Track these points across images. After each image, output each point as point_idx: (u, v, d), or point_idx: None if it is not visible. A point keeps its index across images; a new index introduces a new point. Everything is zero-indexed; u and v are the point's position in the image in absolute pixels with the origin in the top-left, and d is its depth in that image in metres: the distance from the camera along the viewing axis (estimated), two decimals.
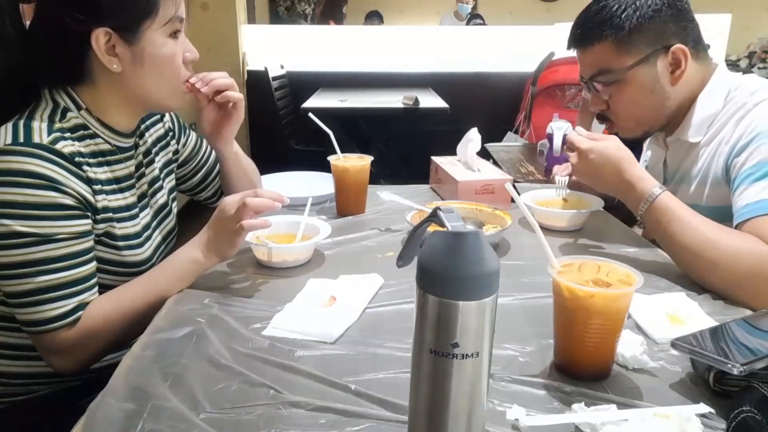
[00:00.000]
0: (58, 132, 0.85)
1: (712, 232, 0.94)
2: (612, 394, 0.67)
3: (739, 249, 0.91)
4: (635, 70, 1.09)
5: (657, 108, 1.13)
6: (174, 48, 0.93)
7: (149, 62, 0.90)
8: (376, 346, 0.78)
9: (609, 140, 1.04)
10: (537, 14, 7.07)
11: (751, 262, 0.90)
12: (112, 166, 0.95)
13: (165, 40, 0.91)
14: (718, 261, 0.91)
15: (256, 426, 0.62)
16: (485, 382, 0.52)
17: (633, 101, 1.12)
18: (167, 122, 1.15)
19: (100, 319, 0.86)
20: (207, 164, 1.26)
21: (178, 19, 0.91)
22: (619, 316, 0.69)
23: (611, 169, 1.02)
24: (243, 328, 0.82)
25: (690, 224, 0.95)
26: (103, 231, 0.91)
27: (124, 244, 0.95)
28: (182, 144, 1.19)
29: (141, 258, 0.98)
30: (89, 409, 0.65)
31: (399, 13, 7.23)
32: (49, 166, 0.82)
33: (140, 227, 0.99)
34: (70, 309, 0.84)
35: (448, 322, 0.49)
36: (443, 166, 1.44)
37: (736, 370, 0.61)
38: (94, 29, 0.85)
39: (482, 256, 0.48)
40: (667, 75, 1.09)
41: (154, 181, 1.07)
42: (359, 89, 4.02)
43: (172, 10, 0.90)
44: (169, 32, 0.91)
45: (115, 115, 0.95)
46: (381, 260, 1.06)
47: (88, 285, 0.86)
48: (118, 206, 0.94)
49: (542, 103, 3.24)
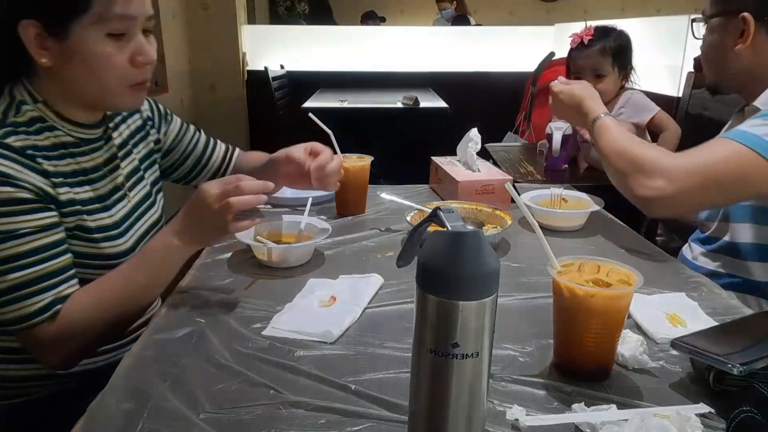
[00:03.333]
0: (10, 126, 0.84)
1: (625, 141, 1.10)
2: (612, 394, 0.67)
3: (631, 150, 1.06)
4: (711, 21, 1.17)
5: (717, 63, 1.19)
6: (111, 48, 0.86)
7: (79, 60, 0.86)
8: (376, 346, 0.78)
9: (575, 84, 1.30)
10: (537, 14, 7.07)
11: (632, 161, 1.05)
12: (77, 158, 0.93)
13: (99, 38, 0.85)
14: (605, 155, 1.11)
15: (256, 426, 0.62)
16: (485, 382, 0.52)
17: (705, 48, 1.22)
18: (145, 112, 1.13)
19: (79, 311, 0.85)
20: (195, 150, 1.23)
21: (118, 17, 0.85)
22: (619, 316, 0.69)
23: (574, 104, 1.25)
24: (243, 328, 0.82)
25: (612, 135, 1.13)
26: (74, 224, 0.90)
27: (101, 235, 0.93)
28: (164, 133, 1.17)
29: (121, 249, 0.96)
30: (89, 409, 0.65)
31: (399, 13, 7.24)
32: (1, 161, 0.80)
33: (118, 218, 0.97)
34: (48, 303, 0.82)
35: (448, 322, 0.49)
36: (443, 166, 1.44)
37: (736, 370, 0.61)
38: (22, 21, 0.82)
39: (482, 256, 0.48)
40: (732, 37, 1.13)
41: (133, 173, 1.06)
42: (359, 89, 4.02)
43: (108, 8, 0.84)
44: (107, 31, 0.85)
45: (68, 109, 0.92)
46: (381, 260, 1.06)
47: (63, 277, 0.85)
48: (87, 198, 0.92)
49: (542, 103, 3.23)
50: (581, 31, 1.96)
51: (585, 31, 1.96)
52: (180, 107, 3.94)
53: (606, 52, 1.93)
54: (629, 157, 1.06)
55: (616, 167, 1.09)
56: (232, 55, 4.29)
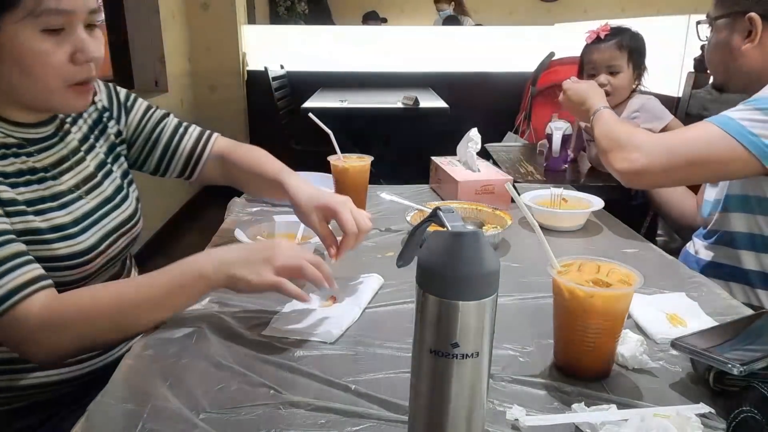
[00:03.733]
0: None
1: (613, 124, 1.23)
2: (612, 394, 0.67)
3: (619, 131, 1.18)
4: (718, 22, 1.19)
5: (725, 63, 1.20)
6: (48, 45, 0.80)
7: (12, 59, 0.80)
8: (376, 346, 0.78)
9: (582, 83, 1.49)
10: (537, 14, 7.07)
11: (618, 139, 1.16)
12: (21, 158, 0.87)
13: (34, 35, 0.79)
14: (597, 140, 1.22)
15: (256, 426, 0.62)
16: (485, 382, 0.52)
17: (711, 48, 1.23)
18: (100, 102, 1.05)
19: (71, 304, 0.80)
20: (162, 137, 1.12)
21: (52, 12, 0.78)
22: (619, 316, 0.69)
23: (579, 100, 1.41)
24: (243, 328, 0.82)
25: (603, 121, 1.26)
26: (20, 227, 0.83)
27: (55, 236, 0.87)
28: (124, 123, 1.08)
29: (78, 249, 0.89)
30: (89, 410, 0.65)
31: (399, 12, 7.24)
32: None
33: (79, 215, 0.92)
34: (7, 292, 0.76)
35: (448, 322, 0.49)
36: (443, 166, 1.44)
37: (736, 370, 0.61)
38: None
39: (482, 256, 0.48)
40: (739, 38, 1.14)
41: (101, 167, 1.00)
42: (359, 89, 4.02)
43: (40, 2, 0.77)
44: (42, 27, 0.79)
45: (7, 110, 0.87)
46: (381, 260, 1.06)
47: (12, 265, 0.78)
48: (35, 198, 0.87)
49: (542, 103, 3.24)
50: (598, 28, 1.97)
51: (602, 27, 1.97)
52: (180, 107, 3.95)
53: (622, 47, 1.93)
54: (613, 136, 1.18)
55: (601, 147, 1.20)
56: (232, 55, 4.29)
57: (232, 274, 0.81)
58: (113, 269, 1.02)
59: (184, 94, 4.08)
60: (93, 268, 0.92)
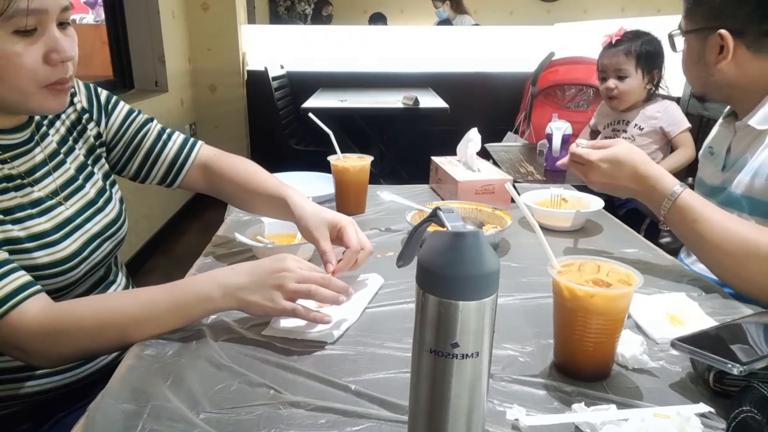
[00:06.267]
0: None
1: (741, 228, 0.92)
2: (612, 394, 0.67)
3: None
4: (689, 36, 1.16)
5: (702, 78, 1.16)
6: (20, 47, 0.78)
7: None
8: (376, 346, 0.78)
9: (617, 145, 1.02)
10: (537, 14, 7.07)
11: None
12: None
13: (5, 37, 0.77)
14: (753, 257, 0.89)
15: (256, 426, 0.62)
16: (485, 382, 0.52)
17: (685, 62, 1.20)
18: (79, 103, 1.01)
19: (71, 317, 0.79)
20: (145, 142, 1.08)
21: (24, 13, 0.76)
22: (619, 316, 0.69)
23: (627, 173, 1.00)
24: (243, 328, 0.82)
25: (717, 222, 0.94)
26: (0, 237, 0.81)
27: (34, 244, 0.85)
28: (104, 125, 1.04)
29: (60, 256, 0.87)
30: (89, 410, 0.65)
31: (399, 12, 7.24)
32: None
33: (60, 220, 0.90)
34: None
35: (448, 322, 0.49)
36: (443, 166, 1.44)
37: (736, 370, 0.61)
38: None
39: (482, 256, 0.48)
40: (713, 53, 1.10)
41: (81, 169, 0.98)
42: (359, 89, 4.02)
43: (10, 2, 0.75)
44: (13, 28, 0.76)
45: None
46: (381, 260, 1.06)
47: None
48: (12, 206, 0.85)
49: (542, 103, 3.24)
50: (614, 32, 1.99)
51: (617, 32, 1.99)
52: (180, 107, 3.94)
53: (630, 53, 1.95)
54: (739, 237, 0.92)
55: (725, 250, 0.93)
56: (232, 55, 4.29)
57: (244, 299, 0.80)
58: (98, 274, 1.00)
59: (184, 94, 4.08)
60: (77, 275, 0.90)
